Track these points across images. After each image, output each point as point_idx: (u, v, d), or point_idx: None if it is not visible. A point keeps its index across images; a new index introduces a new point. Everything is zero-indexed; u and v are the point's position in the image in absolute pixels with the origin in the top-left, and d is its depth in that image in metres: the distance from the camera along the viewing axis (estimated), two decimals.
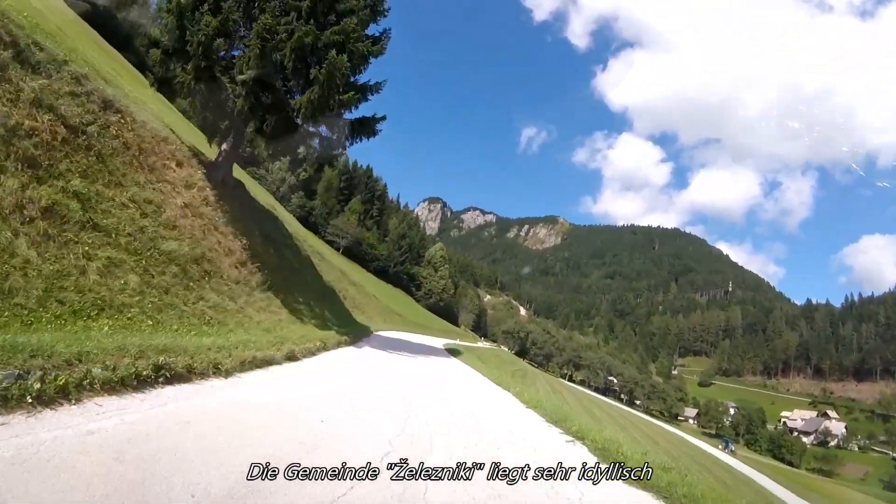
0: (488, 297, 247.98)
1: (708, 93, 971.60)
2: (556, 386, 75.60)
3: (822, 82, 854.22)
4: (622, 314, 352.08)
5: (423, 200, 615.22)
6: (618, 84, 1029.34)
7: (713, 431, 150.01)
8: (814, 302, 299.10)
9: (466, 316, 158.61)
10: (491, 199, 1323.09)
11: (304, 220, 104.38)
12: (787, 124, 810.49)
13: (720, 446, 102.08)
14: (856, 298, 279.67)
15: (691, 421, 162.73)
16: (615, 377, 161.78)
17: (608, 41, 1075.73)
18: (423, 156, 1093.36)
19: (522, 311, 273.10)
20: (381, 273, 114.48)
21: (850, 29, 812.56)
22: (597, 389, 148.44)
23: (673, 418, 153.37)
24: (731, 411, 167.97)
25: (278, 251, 21.67)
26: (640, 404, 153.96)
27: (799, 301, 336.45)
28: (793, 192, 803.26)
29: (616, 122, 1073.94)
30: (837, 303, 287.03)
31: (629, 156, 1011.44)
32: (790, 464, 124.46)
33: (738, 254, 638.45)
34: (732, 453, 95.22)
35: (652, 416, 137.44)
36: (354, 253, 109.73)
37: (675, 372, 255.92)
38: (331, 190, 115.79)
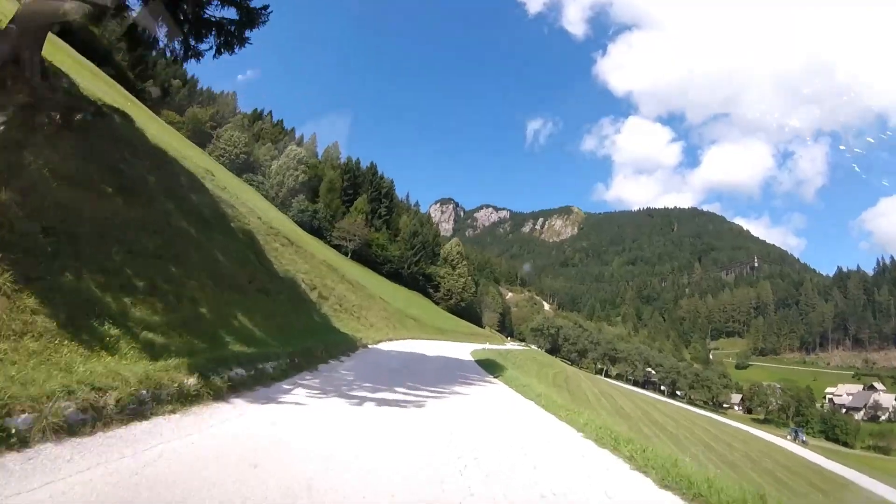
0: (510, 294, 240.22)
1: (712, 68, 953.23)
2: (605, 389, 67.50)
3: (829, 48, 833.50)
4: (648, 300, 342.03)
5: (435, 202, 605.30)
6: (620, 68, 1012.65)
7: (762, 417, 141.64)
8: (844, 269, 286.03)
9: (490, 315, 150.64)
10: (503, 195, 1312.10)
11: (308, 226, 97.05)
12: (795, 93, 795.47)
13: (788, 437, 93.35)
14: (888, 262, 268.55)
15: (736, 408, 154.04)
16: (654, 368, 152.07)
17: (605, 26, 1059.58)
18: (431, 158, 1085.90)
19: (546, 306, 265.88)
20: (395, 276, 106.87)
21: None
22: (635, 383, 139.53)
23: (718, 407, 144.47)
24: (778, 393, 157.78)
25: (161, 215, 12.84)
26: (681, 395, 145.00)
27: (824, 271, 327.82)
28: (806, 160, 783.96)
29: (621, 107, 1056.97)
30: (867, 269, 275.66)
31: (638, 139, 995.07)
32: (845, 444, 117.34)
33: (756, 228, 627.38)
34: (805, 444, 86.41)
35: (695, 406, 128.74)
36: (364, 257, 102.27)
37: (710, 357, 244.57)
38: (333, 191, 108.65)
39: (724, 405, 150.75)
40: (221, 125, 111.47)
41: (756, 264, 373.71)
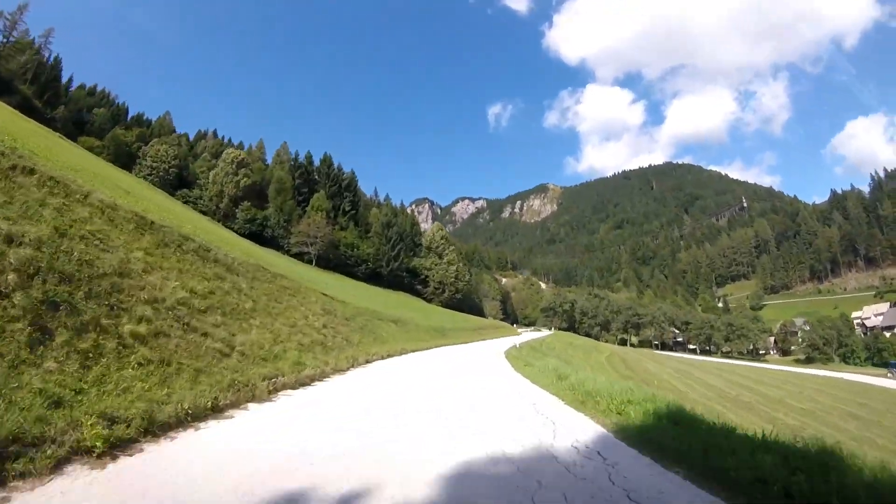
0: (504, 280, 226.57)
1: (661, 18, 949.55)
2: (676, 366, 53.57)
3: None
4: (644, 260, 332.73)
5: (410, 204, 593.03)
6: (569, 38, 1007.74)
7: (803, 357, 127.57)
8: (839, 192, 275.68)
9: (491, 304, 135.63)
10: (477, 185, 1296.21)
11: (259, 237, 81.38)
12: (748, 30, 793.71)
13: (889, 375, 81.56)
14: (882, 176, 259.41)
15: (773, 352, 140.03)
16: (680, 327, 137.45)
17: None
18: (400, 162, 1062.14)
19: (543, 286, 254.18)
20: (374, 278, 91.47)
21: None
22: (662, 346, 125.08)
23: (756, 355, 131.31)
24: (807, 328, 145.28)
25: None
26: (713, 350, 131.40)
27: (810, 201, 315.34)
28: (769, 97, 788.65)
29: (578, 76, 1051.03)
30: (856, 190, 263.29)
31: (599, 106, 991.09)
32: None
33: (732, 173, 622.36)
34: None
35: (733, 359, 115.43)
36: (332, 260, 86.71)
37: (720, 304, 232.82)
38: (284, 191, 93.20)
39: (761, 352, 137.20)
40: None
41: (745, 205, 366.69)
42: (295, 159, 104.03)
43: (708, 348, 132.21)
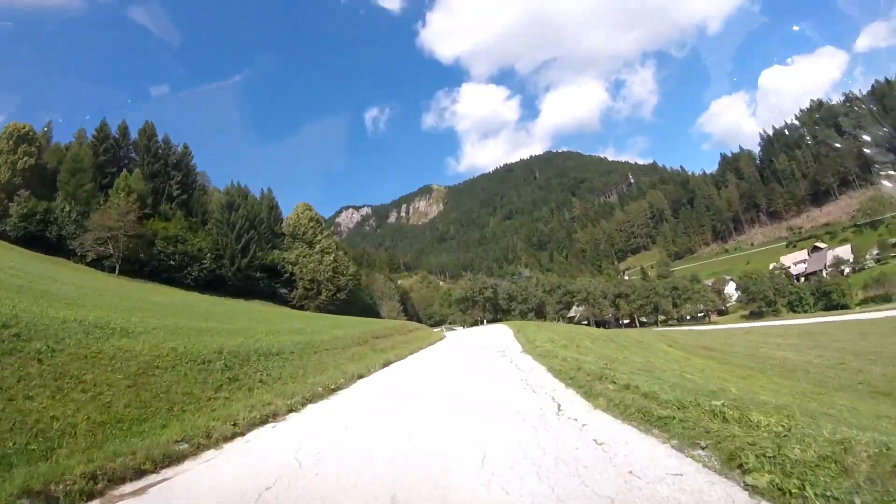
0: (400, 281, 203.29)
1: (530, 11, 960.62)
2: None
3: None
4: (541, 245, 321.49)
5: None
6: (443, 36, 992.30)
7: (747, 312, 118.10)
8: (728, 155, 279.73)
9: (390, 304, 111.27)
10: (360, 193, 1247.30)
11: (40, 239, 53.55)
12: (615, 20, 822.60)
13: None
14: (770, 133, 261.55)
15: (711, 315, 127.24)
16: (621, 300, 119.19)
17: None
18: (278, 177, 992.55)
19: (442, 283, 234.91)
20: (214, 284, 64.09)
21: None
22: (599, 323, 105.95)
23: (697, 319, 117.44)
24: (732, 285, 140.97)
25: None
26: (658, 319, 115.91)
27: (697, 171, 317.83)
28: (638, 84, 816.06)
29: (453, 75, 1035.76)
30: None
31: (476, 104, 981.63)
32: (843, 307, 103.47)
33: (609, 158, 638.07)
34: None
35: (685, 324, 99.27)
36: (147, 263, 59.32)
37: (626, 277, 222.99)
38: (83, 171, 64.23)
39: (699, 314, 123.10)
40: None
41: (632, 181, 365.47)
42: (100, 129, 74.37)
43: (644, 319, 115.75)
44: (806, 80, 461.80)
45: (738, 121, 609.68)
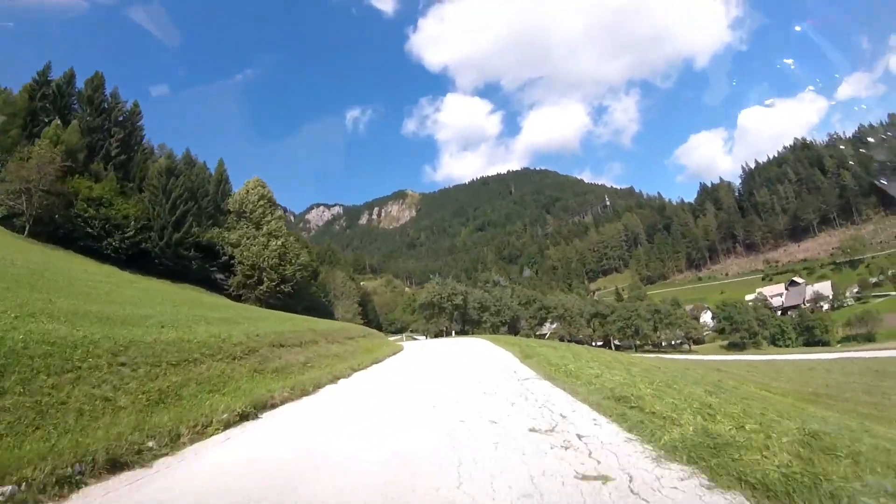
0: (364, 283, 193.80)
1: (521, 28, 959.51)
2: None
3: None
4: (512, 259, 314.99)
5: None
6: (432, 43, 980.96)
7: (728, 342, 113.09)
8: (708, 185, 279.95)
9: (347, 305, 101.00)
10: (333, 191, 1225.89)
11: None
12: (604, 45, 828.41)
13: None
14: (752, 166, 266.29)
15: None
16: (597, 320, 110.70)
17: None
18: (248, 165, 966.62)
19: (407, 289, 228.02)
20: (139, 260, 53.58)
21: None
22: (578, 342, 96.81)
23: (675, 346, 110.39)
24: (709, 313, 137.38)
25: None
26: (635, 344, 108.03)
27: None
28: (620, 111, 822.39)
29: (439, 84, 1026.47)
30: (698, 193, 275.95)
31: (459, 116, 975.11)
32: (824, 343, 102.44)
33: (585, 180, 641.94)
34: None
35: (666, 353, 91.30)
36: (61, 226, 48.86)
37: (595, 297, 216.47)
38: (13, 115, 53.94)
39: (675, 341, 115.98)
40: None
41: (608, 203, 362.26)
42: (42, 73, 63.14)
43: (617, 342, 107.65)
44: (785, 122, 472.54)
45: (714, 156, 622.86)
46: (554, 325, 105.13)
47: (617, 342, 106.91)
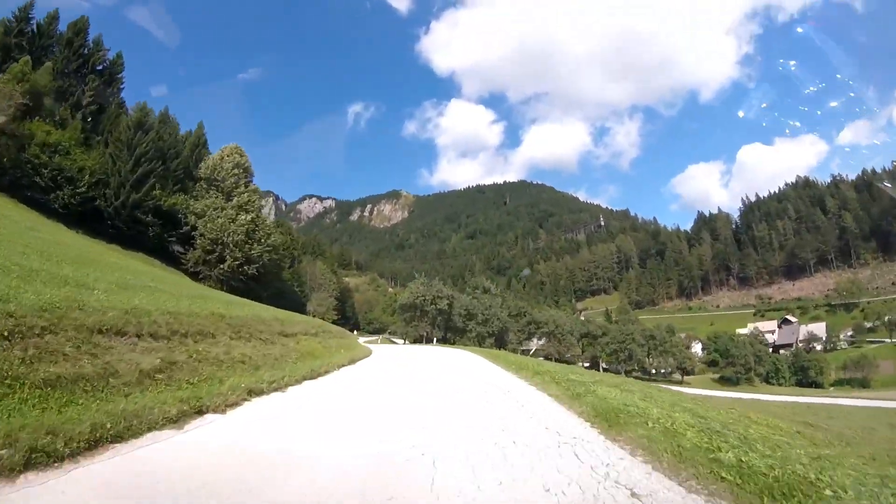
0: (347, 278, 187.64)
1: (531, 42, 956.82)
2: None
3: (642, 23, 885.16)
4: (500, 270, 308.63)
5: None
6: (443, 47, 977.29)
7: (719, 376, 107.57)
8: (707, 214, 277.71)
9: (323, 299, 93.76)
10: (327, 184, 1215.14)
11: None
12: (610, 66, 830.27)
13: None
14: (752, 199, 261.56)
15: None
16: (588, 340, 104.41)
17: (430, 2, 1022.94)
18: (244, 147, 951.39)
19: (391, 290, 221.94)
20: (90, 221, 47.00)
21: None
22: (567, 362, 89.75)
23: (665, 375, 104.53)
24: (698, 345, 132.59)
25: None
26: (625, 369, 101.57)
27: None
28: (622, 135, 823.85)
29: (444, 88, 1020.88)
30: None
31: (461, 122, 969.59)
32: (817, 385, 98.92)
33: (580, 199, 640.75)
34: None
35: (655, 380, 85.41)
36: (8, 173, 42.33)
37: (581, 317, 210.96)
38: None
39: (665, 370, 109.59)
40: None
41: (602, 223, 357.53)
42: (23, 9, 56.19)
43: (605, 366, 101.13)
44: (784, 162, 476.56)
45: (710, 188, 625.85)
46: (542, 342, 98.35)
47: (605, 365, 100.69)
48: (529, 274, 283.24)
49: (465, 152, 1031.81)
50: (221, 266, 52.29)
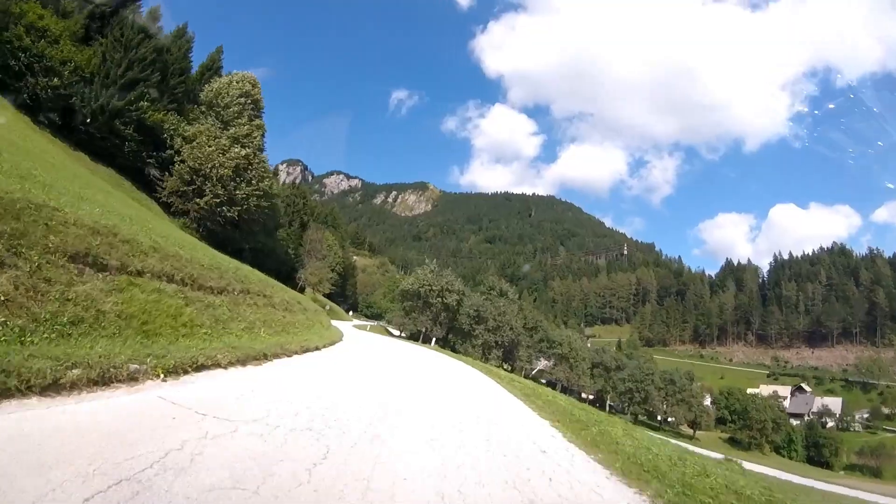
0: (356, 258, 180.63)
1: (584, 60, 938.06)
2: None
3: (697, 62, 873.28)
4: (513, 280, 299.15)
5: (282, 162, 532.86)
6: (496, 49, 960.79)
7: (728, 437, 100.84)
8: (735, 262, 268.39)
9: (319, 269, 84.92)
10: (356, 163, 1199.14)
11: None
12: (657, 99, 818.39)
13: None
14: (784, 257, 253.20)
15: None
16: (603, 373, 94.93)
17: (492, 1, 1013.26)
18: (280, 115, 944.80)
19: (398, 277, 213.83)
20: (60, 124, 39.05)
21: (736, 17, 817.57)
22: (566, 391, 79.59)
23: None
24: (707, 398, 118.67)
25: None
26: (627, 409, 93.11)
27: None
28: (659, 170, 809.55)
29: (490, 91, 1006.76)
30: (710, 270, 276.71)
31: (501, 127, 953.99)
32: (828, 466, 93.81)
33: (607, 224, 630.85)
34: None
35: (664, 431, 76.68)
36: None
37: (588, 343, 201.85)
38: None
39: (670, 419, 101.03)
40: None
41: (625, 252, 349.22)
42: None
43: (611, 403, 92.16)
44: (814, 228, 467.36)
45: (736, 240, 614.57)
46: (549, 363, 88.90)
47: (611, 403, 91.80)
48: (532, 296, 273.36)
49: (499, 158, 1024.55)
50: (198, 201, 43.94)
